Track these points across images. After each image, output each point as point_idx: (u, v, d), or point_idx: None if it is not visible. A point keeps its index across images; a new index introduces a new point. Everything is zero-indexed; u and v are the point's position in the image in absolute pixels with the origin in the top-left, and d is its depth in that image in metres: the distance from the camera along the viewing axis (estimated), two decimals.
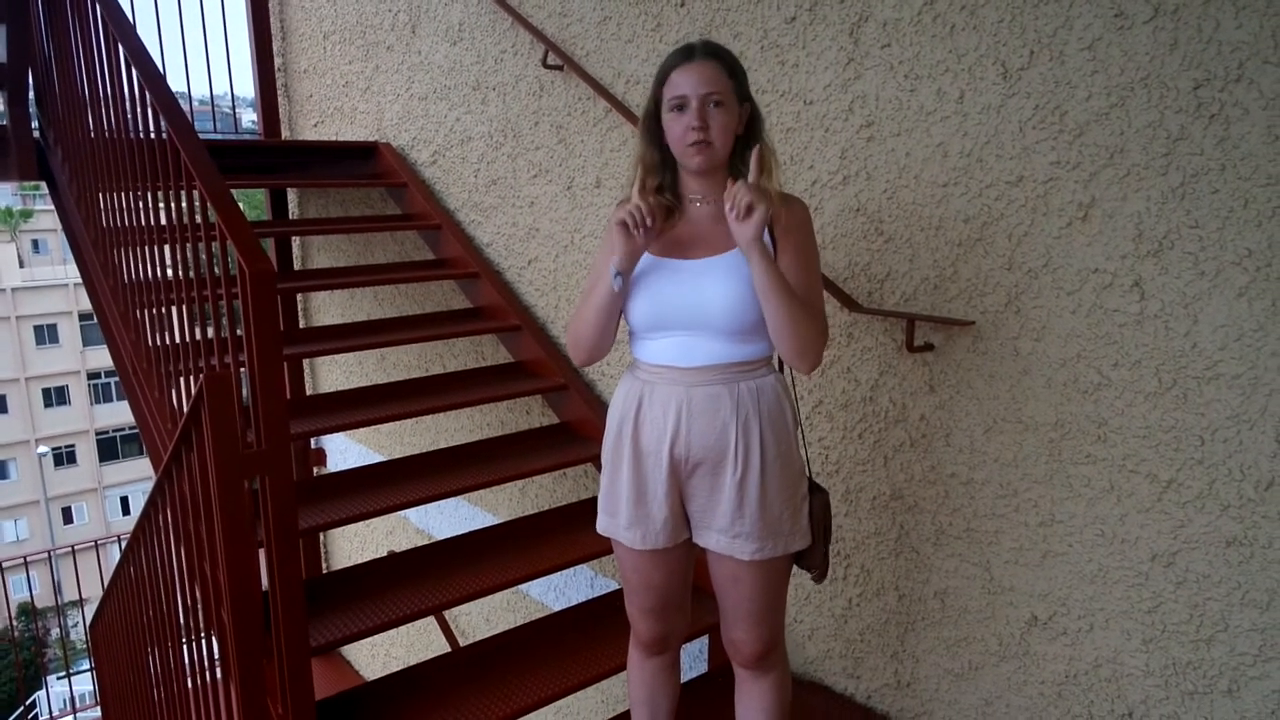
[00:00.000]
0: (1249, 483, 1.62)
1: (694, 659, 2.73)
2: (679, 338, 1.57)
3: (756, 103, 1.62)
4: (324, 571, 4.85)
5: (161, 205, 2.27)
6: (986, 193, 1.93)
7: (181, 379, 2.27)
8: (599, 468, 2.98)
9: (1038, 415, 1.89)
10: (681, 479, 1.61)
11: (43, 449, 26.25)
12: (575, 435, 2.95)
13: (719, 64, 1.53)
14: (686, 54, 1.53)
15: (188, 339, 2.18)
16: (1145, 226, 1.70)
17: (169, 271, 2.31)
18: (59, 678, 6.32)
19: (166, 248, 2.29)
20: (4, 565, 5.31)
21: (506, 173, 3.25)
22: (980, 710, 2.12)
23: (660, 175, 1.61)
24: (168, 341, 2.37)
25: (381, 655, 4.52)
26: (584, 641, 2.44)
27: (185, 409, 1.84)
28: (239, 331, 1.82)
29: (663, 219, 1.60)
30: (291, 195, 4.36)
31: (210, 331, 2.06)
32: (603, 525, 1.72)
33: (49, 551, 5.76)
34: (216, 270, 1.95)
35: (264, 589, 1.86)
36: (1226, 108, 1.58)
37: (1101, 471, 1.81)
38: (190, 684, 2.28)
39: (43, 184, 3.45)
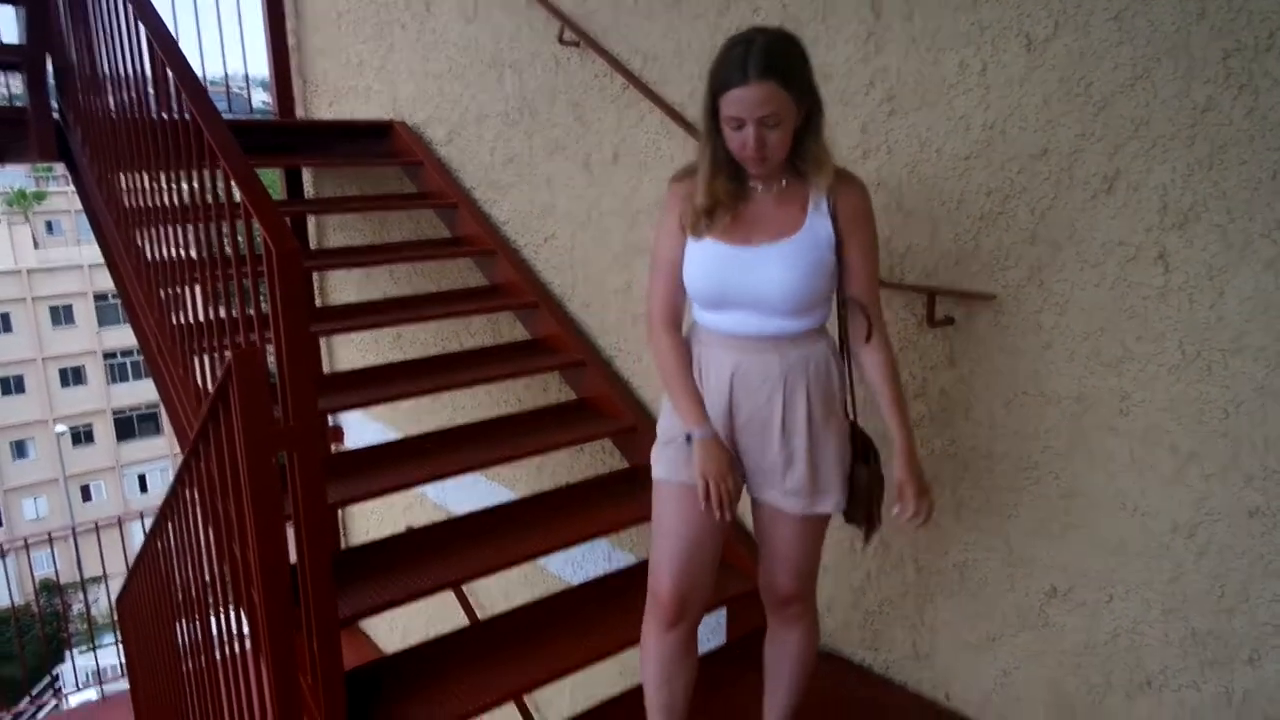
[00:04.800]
0: (1273, 454, 1.63)
1: (712, 630, 2.76)
2: (737, 313, 1.62)
3: (819, 91, 1.56)
4: (342, 548, 4.90)
5: (184, 185, 2.28)
6: (1009, 166, 1.92)
7: (207, 357, 2.29)
8: (617, 443, 3.00)
9: (1059, 388, 1.90)
10: (737, 432, 1.67)
11: (60, 428, 26.53)
12: (593, 411, 2.97)
13: (775, 83, 1.46)
14: (741, 73, 1.46)
15: (213, 318, 2.21)
16: (1171, 198, 1.70)
17: (192, 251, 2.32)
18: (81, 651, 6.42)
19: (190, 227, 2.31)
20: (28, 542, 5.39)
21: (523, 150, 3.25)
22: (998, 680, 2.14)
23: (723, 166, 1.59)
24: (192, 320, 2.40)
25: (400, 629, 4.58)
26: (601, 614, 2.47)
27: (212, 386, 1.86)
28: (264, 309, 1.84)
29: (726, 204, 1.60)
30: (306, 175, 4.37)
31: (234, 311, 2.08)
32: (657, 456, 1.74)
33: (71, 528, 5.84)
34: (242, 250, 1.97)
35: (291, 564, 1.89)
36: (1256, 78, 1.57)
37: (1123, 444, 1.82)
38: (219, 656, 2.32)
39: (56, 165, 3.46)
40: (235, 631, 2.21)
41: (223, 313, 2.16)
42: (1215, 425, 1.69)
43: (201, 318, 2.32)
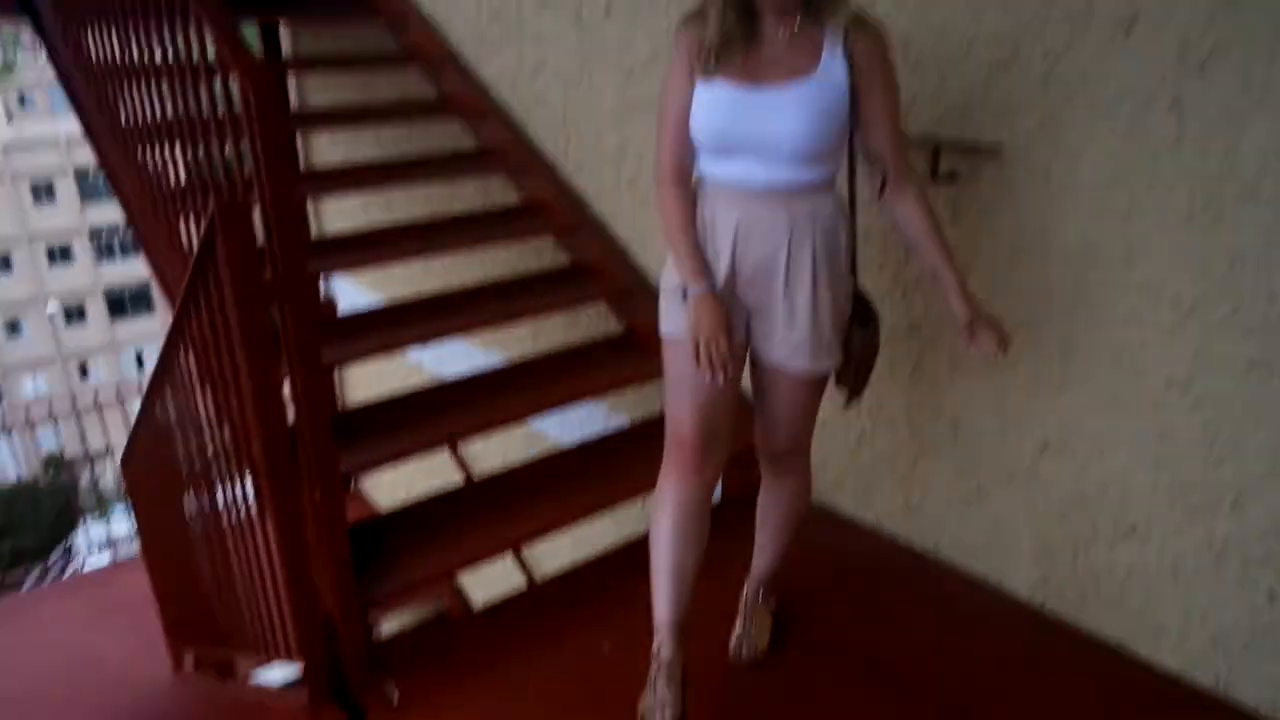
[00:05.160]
0: (1276, 306, 1.61)
1: None
2: (743, 162, 1.56)
3: None
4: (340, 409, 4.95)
5: (154, 34, 2.17)
6: (1022, 10, 1.83)
7: (191, 217, 2.23)
8: (613, 307, 2.98)
9: (1064, 242, 1.87)
10: (741, 287, 1.64)
11: (52, 307, 26.42)
12: (589, 275, 2.94)
13: None
14: None
15: (195, 177, 2.14)
16: (1191, 41, 1.62)
17: (169, 106, 2.23)
18: (94, 521, 6.59)
19: (162, 79, 2.21)
20: (30, 414, 5.43)
21: (510, 4, 3.09)
22: (987, 531, 2.20)
23: (735, 1, 1.51)
24: (173, 183, 2.33)
25: (403, 490, 4.68)
26: (598, 472, 2.51)
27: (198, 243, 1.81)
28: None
29: (738, 43, 1.52)
30: (285, 34, 4.17)
31: (219, 171, 2.02)
32: (664, 312, 1.70)
33: (72, 401, 5.89)
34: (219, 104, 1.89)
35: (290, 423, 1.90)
36: None
37: (1125, 298, 1.80)
38: (225, 515, 2.37)
39: (23, 33, 3.29)
40: (240, 490, 2.25)
41: (204, 172, 2.09)
42: (1220, 277, 1.67)
43: (181, 178, 2.26)
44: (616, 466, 2.52)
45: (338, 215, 4.43)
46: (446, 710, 1.89)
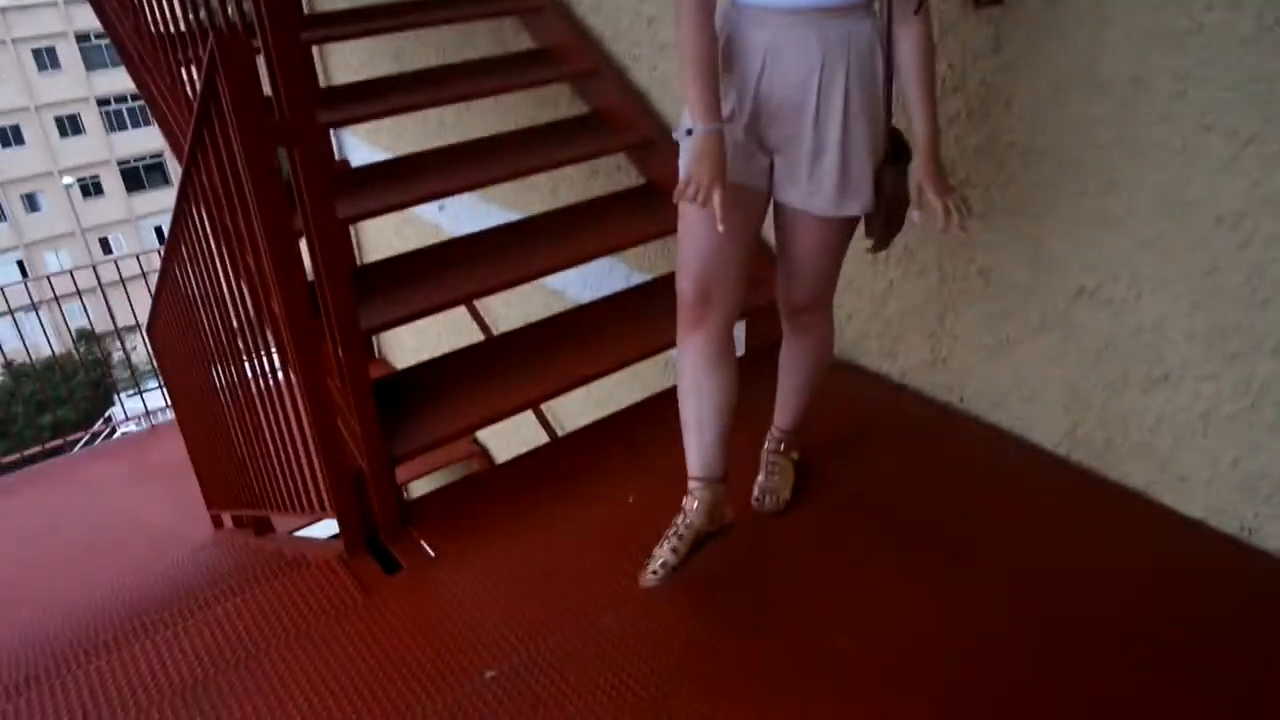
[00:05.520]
0: None
1: None
2: None
3: None
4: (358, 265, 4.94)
5: None
6: None
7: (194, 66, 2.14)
8: (633, 159, 2.89)
9: (1113, 72, 1.74)
10: (765, 124, 1.55)
11: (68, 180, 26.28)
12: (607, 124, 2.82)
13: None
14: None
15: (192, 18, 2.03)
16: None
17: None
18: (129, 395, 6.73)
19: None
20: (58, 295, 5.46)
21: None
22: (1013, 381, 2.17)
23: None
24: (172, 27, 2.22)
25: (429, 351, 4.72)
26: (620, 328, 2.49)
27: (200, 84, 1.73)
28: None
29: None
30: None
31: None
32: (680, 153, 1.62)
33: (95, 274, 5.89)
34: None
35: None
36: None
37: (1175, 131, 1.69)
38: (253, 377, 2.38)
39: None
40: (265, 349, 2.25)
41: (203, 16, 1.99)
42: None
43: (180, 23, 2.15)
44: (639, 322, 2.49)
45: (344, 69, 4.28)
46: (477, 562, 1.94)
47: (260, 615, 1.92)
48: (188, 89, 2.19)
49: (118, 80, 26.11)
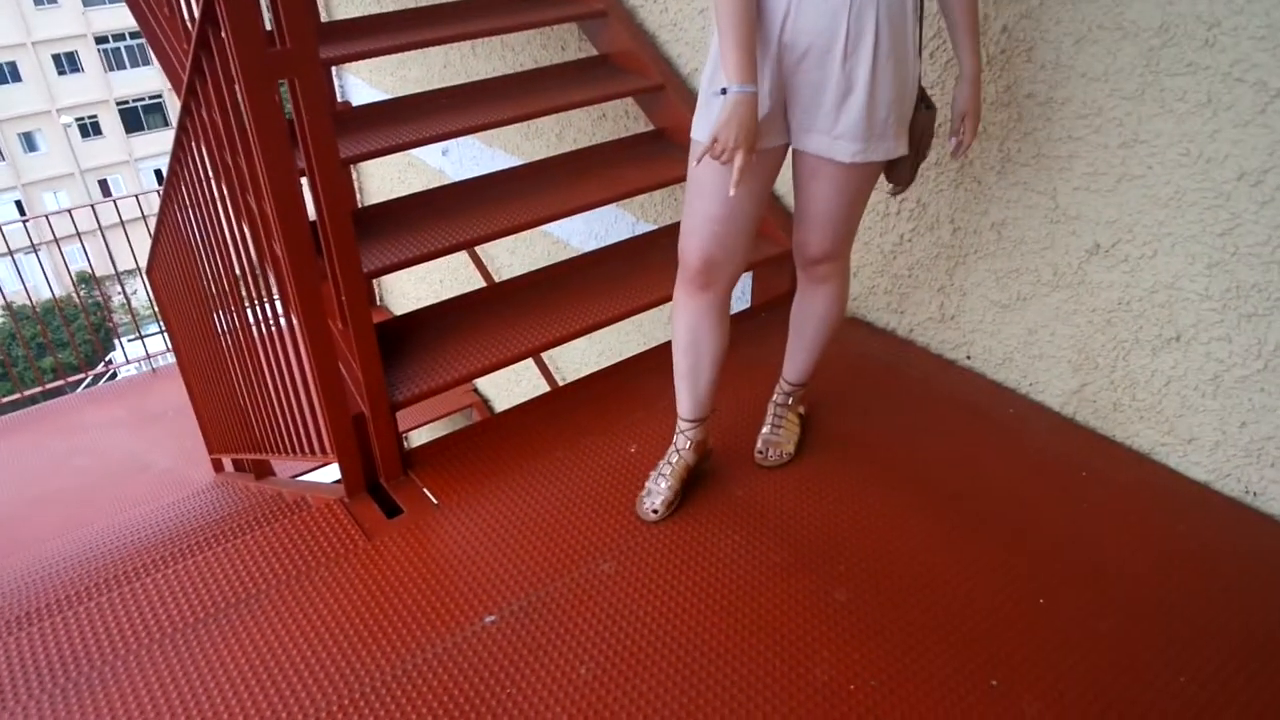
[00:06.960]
0: None
1: (736, 297, 2.77)
2: None
3: None
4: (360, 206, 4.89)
5: None
6: None
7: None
8: (642, 104, 2.82)
9: (1140, 19, 1.69)
10: (787, 72, 1.51)
11: (66, 119, 25.96)
12: (616, 68, 2.76)
13: None
14: None
15: None
16: None
17: None
18: (130, 340, 6.70)
19: None
20: (57, 236, 5.40)
21: None
22: (1022, 339, 2.15)
23: None
24: None
25: (431, 299, 4.69)
26: (621, 277, 2.45)
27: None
28: None
29: None
30: None
31: None
32: (699, 115, 1.59)
33: (94, 213, 5.82)
34: None
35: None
36: None
37: (1201, 82, 1.65)
38: (255, 320, 2.36)
39: None
40: (266, 292, 2.23)
41: None
42: None
43: None
44: (643, 272, 2.46)
45: (346, 3, 4.18)
46: (477, 508, 1.93)
47: (261, 557, 1.92)
48: (186, 20, 2.13)
49: (116, 16, 25.67)
